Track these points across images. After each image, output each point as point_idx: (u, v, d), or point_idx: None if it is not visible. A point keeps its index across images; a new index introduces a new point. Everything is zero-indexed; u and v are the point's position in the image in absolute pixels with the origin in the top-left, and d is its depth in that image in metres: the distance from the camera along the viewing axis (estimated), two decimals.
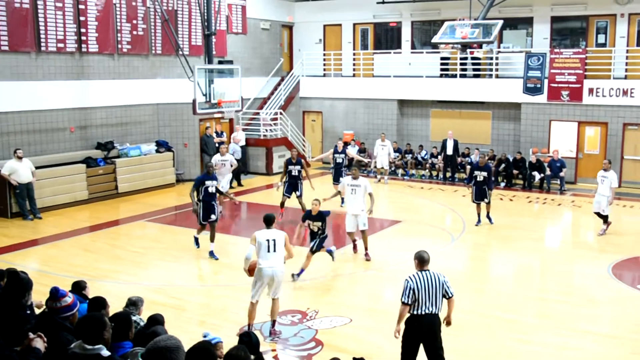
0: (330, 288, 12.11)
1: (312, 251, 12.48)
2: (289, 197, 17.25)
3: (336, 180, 18.73)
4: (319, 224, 12.58)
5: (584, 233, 16.90)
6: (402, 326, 7.74)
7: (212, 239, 14.03)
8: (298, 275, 12.24)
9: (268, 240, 9.46)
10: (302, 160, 17.47)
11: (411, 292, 7.54)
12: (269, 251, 9.44)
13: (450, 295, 7.75)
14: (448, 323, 7.97)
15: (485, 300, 11.36)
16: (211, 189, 14.01)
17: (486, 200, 16.48)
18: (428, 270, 7.75)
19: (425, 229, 16.33)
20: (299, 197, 17.11)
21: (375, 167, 23.77)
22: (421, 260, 7.81)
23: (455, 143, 23.04)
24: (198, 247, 14.35)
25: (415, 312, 7.60)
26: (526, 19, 24.48)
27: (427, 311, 7.57)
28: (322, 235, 12.62)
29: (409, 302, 7.55)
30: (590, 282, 12.59)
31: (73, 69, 19.50)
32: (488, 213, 16.74)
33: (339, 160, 19.25)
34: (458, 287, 11.91)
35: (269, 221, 9.67)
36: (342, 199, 17.06)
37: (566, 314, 10.68)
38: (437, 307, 7.64)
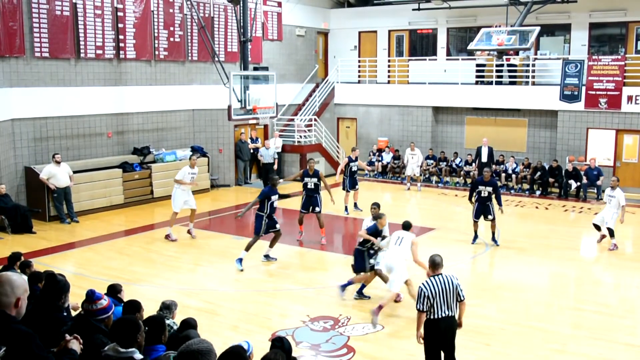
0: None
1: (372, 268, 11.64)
2: (305, 213, 16.03)
3: (351, 187, 18.91)
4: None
5: (622, 243, 16.60)
6: (422, 331, 7.87)
7: (272, 245, 14.12)
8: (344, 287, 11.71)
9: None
10: (320, 173, 16.13)
11: (426, 299, 7.66)
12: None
13: (462, 298, 7.88)
14: (459, 325, 8.08)
15: (519, 309, 11.22)
16: (275, 204, 13.88)
17: (490, 217, 15.37)
18: (441, 274, 7.85)
19: (459, 236, 16.20)
20: (318, 213, 15.87)
21: (405, 174, 23.70)
22: (434, 265, 7.92)
23: (490, 150, 22.80)
24: (242, 269, 13.53)
25: (432, 317, 7.73)
26: (564, 26, 24.21)
27: (443, 315, 7.71)
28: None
29: (424, 309, 7.69)
30: (628, 293, 12.37)
31: (111, 75, 19.80)
32: (493, 234, 15.52)
33: (354, 169, 19.03)
34: (491, 296, 11.85)
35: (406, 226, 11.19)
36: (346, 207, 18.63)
37: (602, 325, 10.50)
38: (453, 309, 7.77)
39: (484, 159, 22.75)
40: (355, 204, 19.17)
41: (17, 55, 17.26)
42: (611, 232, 15.07)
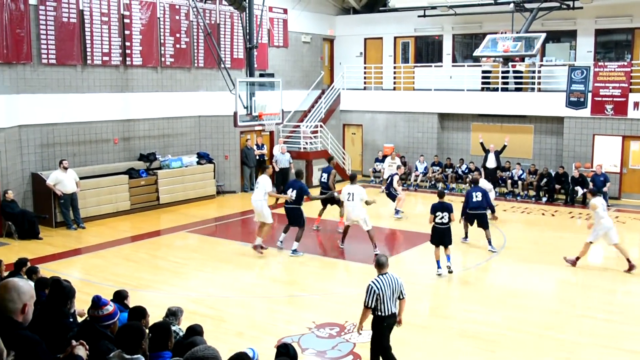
0: None
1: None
2: (324, 207, 17.87)
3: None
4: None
5: (629, 250, 16.52)
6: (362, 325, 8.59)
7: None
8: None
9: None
10: (332, 169, 18.03)
11: (375, 295, 8.18)
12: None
13: (403, 296, 8.47)
14: (399, 322, 8.60)
15: (526, 316, 11.16)
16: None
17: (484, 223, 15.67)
18: (387, 273, 8.38)
19: (465, 244, 16.16)
20: (339, 203, 17.10)
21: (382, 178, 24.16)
22: (379, 265, 8.44)
23: (497, 156, 22.63)
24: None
25: (381, 314, 8.27)
26: (570, 32, 24.19)
27: (391, 312, 8.32)
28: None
29: (371, 306, 8.22)
30: (637, 300, 12.31)
31: (117, 82, 19.87)
32: (489, 240, 15.57)
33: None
34: (497, 302, 11.81)
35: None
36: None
37: (611, 333, 10.44)
38: (396, 307, 8.41)
39: (491, 164, 22.65)
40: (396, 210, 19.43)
41: (24, 62, 17.34)
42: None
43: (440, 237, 13.45)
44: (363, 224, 15.00)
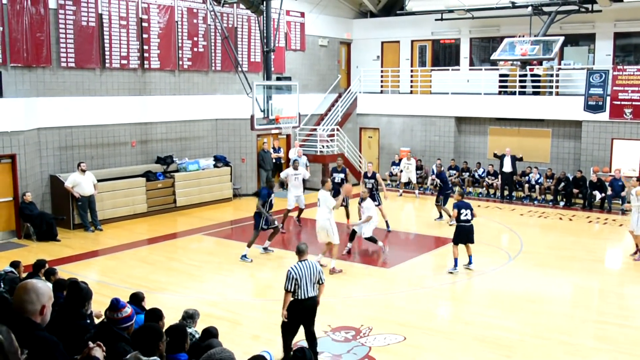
0: (384, 305, 12.03)
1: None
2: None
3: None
4: None
5: None
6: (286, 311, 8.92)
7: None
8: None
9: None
10: (347, 170, 18.30)
11: (293, 280, 8.74)
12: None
13: (322, 281, 9.03)
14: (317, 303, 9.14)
15: (541, 321, 11.10)
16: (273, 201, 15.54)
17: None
18: (306, 260, 8.99)
19: (482, 247, 16.06)
20: (346, 206, 17.74)
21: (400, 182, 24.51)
22: (299, 252, 9.08)
23: (514, 160, 22.51)
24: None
25: (299, 297, 8.81)
26: (588, 35, 24.05)
27: (308, 295, 8.82)
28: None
29: (291, 290, 8.77)
30: None
31: (135, 85, 20.00)
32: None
33: (369, 186, 18.09)
34: (513, 307, 11.75)
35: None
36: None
37: (626, 338, 10.36)
38: (315, 291, 8.93)
39: (507, 168, 22.53)
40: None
41: (43, 66, 17.51)
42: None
43: (466, 234, 14.02)
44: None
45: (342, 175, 18.31)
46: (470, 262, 14.07)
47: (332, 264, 13.91)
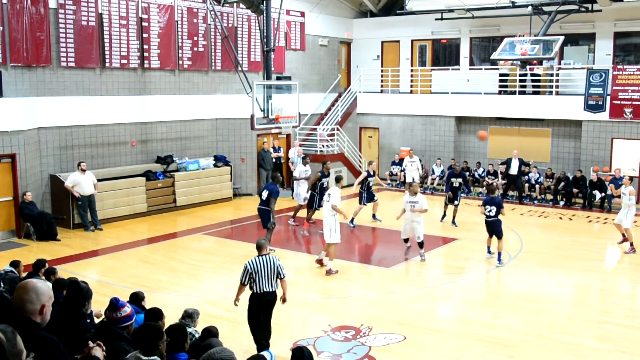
0: (384, 305, 12.02)
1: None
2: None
3: (368, 200, 18.76)
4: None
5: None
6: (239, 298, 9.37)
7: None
8: None
9: None
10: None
11: (248, 274, 9.00)
12: None
13: (282, 276, 9.19)
14: (283, 300, 9.46)
15: (542, 320, 11.09)
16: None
17: (456, 202, 18.53)
18: (266, 255, 9.16)
19: (482, 247, 16.06)
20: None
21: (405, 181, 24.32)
22: (258, 247, 9.27)
23: (521, 163, 22.37)
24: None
25: (256, 291, 9.03)
26: (588, 35, 24.04)
27: (265, 290, 9.00)
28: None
29: (245, 283, 9.08)
30: None
31: (135, 85, 20.00)
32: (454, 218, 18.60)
33: (371, 184, 18.85)
34: (514, 307, 11.74)
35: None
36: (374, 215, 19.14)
37: (628, 338, 10.35)
38: (273, 286, 9.08)
39: (513, 171, 22.41)
40: (373, 215, 19.11)
41: (43, 65, 17.51)
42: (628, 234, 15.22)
43: (491, 228, 14.76)
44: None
45: (328, 179, 18.01)
46: (498, 259, 14.52)
47: (329, 265, 13.85)
